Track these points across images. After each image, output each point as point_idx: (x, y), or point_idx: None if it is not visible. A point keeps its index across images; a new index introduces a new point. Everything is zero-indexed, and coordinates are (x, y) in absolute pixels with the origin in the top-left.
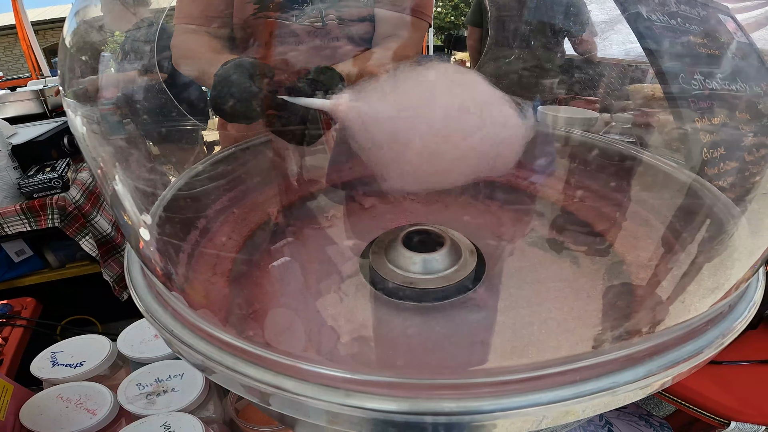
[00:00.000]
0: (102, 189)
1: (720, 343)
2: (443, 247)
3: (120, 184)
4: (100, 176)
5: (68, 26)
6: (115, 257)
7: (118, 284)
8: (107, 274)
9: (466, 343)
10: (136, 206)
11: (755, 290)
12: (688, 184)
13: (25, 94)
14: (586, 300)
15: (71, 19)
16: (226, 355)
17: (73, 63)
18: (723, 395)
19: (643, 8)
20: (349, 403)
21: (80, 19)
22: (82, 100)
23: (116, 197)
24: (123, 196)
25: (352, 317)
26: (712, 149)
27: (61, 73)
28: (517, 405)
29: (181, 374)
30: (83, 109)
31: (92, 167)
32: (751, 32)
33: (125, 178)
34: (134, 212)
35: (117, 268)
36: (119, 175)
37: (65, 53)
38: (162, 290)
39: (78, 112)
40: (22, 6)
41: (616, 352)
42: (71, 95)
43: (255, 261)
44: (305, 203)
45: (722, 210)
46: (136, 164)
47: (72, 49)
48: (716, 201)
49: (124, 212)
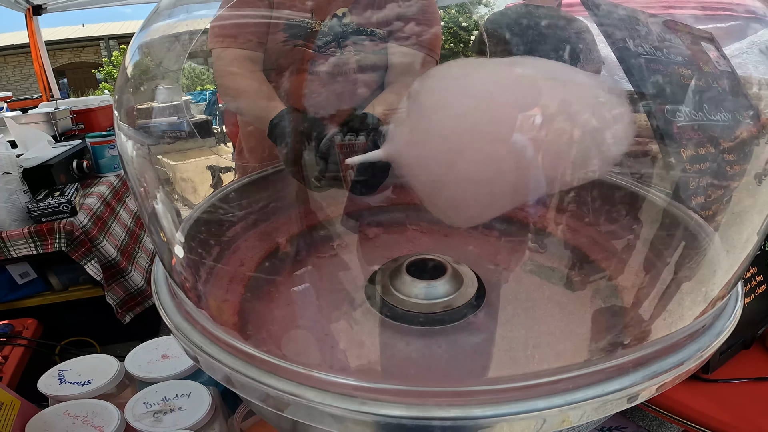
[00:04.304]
0: (141, 208)
1: (700, 356)
2: (445, 275)
3: (161, 204)
4: (142, 195)
5: (130, 57)
6: (119, 281)
7: (121, 308)
8: (111, 297)
9: (467, 362)
10: (173, 225)
11: (734, 307)
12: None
13: (37, 116)
14: (578, 322)
15: (134, 52)
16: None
17: (131, 92)
18: (720, 411)
19: (630, 41)
20: (365, 410)
21: (142, 53)
22: (135, 126)
23: (155, 216)
24: (162, 215)
25: (360, 340)
26: (698, 178)
27: (118, 99)
28: (516, 411)
29: (188, 393)
30: (135, 134)
31: (135, 187)
32: (723, 43)
33: (165, 198)
34: (171, 230)
35: (121, 292)
36: (160, 196)
37: (125, 81)
38: (190, 307)
39: (130, 137)
40: (38, 26)
41: (605, 363)
42: (125, 120)
43: (266, 287)
44: (315, 232)
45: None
46: (173, 188)
47: (132, 79)
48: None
49: (161, 230)
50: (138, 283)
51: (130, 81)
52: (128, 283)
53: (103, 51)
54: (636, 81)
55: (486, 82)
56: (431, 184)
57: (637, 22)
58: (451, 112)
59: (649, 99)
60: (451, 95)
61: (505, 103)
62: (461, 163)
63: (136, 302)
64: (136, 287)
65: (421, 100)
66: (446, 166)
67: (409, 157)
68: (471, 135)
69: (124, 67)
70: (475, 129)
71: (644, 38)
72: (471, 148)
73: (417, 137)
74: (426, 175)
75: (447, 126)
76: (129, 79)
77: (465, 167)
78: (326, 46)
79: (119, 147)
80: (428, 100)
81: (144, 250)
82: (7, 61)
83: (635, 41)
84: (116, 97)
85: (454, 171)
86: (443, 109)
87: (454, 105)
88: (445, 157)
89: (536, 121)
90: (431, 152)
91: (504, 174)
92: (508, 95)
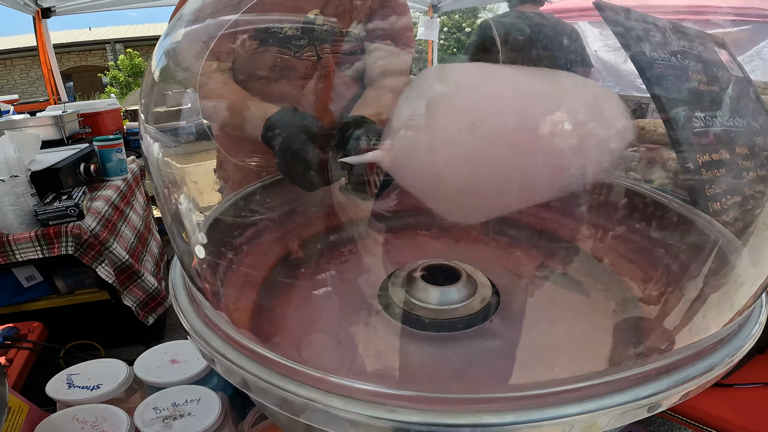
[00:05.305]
0: (163, 209)
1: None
2: (459, 281)
3: (183, 205)
4: (166, 195)
5: (156, 62)
6: (136, 283)
7: (143, 309)
8: (130, 299)
9: (484, 368)
10: (195, 226)
11: (759, 314)
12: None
13: (45, 119)
14: (597, 329)
15: (160, 57)
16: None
17: (158, 96)
18: (734, 415)
19: (646, 47)
20: (393, 418)
21: (169, 58)
22: (162, 129)
23: (178, 216)
24: (185, 216)
25: (376, 346)
26: (715, 185)
27: (145, 103)
28: (547, 417)
29: (198, 399)
30: (161, 137)
31: (159, 188)
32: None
33: (187, 200)
34: (193, 231)
35: (140, 294)
36: (184, 197)
37: (151, 86)
38: (209, 310)
39: (156, 139)
40: (47, 29)
41: (632, 370)
42: (152, 123)
43: (279, 291)
44: (326, 237)
45: (726, 244)
46: (197, 189)
47: (159, 84)
48: (720, 236)
49: (183, 230)
50: (153, 285)
51: (157, 85)
52: (145, 284)
53: (109, 54)
54: (652, 86)
55: (495, 89)
56: (431, 185)
57: (651, 28)
58: (459, 116)
59: (665, 104)
60: (458, 102)
61: (515, 111)
62: (463, 167)
63: (157, 303)
64: (153, 288)
65: (422, 103)
66: (452, 171)
67: (412, 161)
68: (485, 143)
69: (151, 71)
70: (488, 135)
71: (660, 44)
72: (484, 157)
73: (422, 141)
74: (426, 178)
75: (450, 130)
76: (155, 83)
77: (468, 172)
78: (302, 50)
79: (144, 149)
80: (432, 105)
81: (150, 253)
82: (13, 63)
83: (651, 47)
84: (142, 101)
85: (458, 174)
86: (450, 114)
87: (462, 110)
88: (452, 163)
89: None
90: (439, 159)
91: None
92: (518, 104)
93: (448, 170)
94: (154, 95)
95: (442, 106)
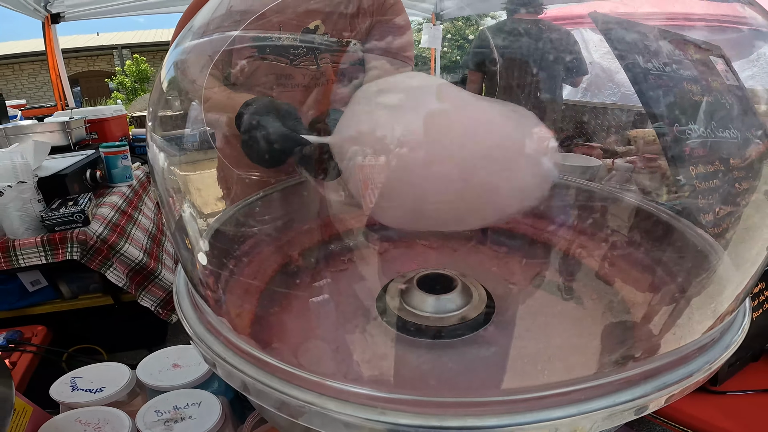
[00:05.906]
0: (167, 217)
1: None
2: (455, 289)
3: (188, 212)
4: (171, 204)
5: (165, 73)
6: (155, 282)
7: (164, 308)
8: (149, 300)
9: (478, 375)
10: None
11: (742, 322)
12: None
13: (53, 125)
14: (588, 336)
15: (169, 68)
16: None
17: (165, 107)
18: (728, 422)
19: (639, 57)
20: (384, 420)
21: (177, 70)
22: (168, 138)
23: (182, 223)
24: (188, 223)
25: (372, 353)
26: (708, 196)
27: (152, 113)
28: (530, 420)
29: (199, 403)
30: (167, 146)
31: (163, 196)
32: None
33: (191, 208)
34: (196, 238)
35: (160, 293)
36: (188, 205)
37: (159, 97)
38: (211, 315)
39: (162, 149)
40: (55, 34)
41: (617, 375)
42: (159, 133)
43: (279, 299)
44: (326, 246)
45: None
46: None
47: (167, 95)
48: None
49: (186, 237)
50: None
51: (164, 94)
52: (164, 283)
53: (116, 60)
54: (645, 97)
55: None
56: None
57: (645, 38)
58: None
59: (658, 116)
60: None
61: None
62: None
63: None
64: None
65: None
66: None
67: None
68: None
69: (159, 81)
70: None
71: (653, 54)
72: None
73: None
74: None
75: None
76: (163, 93)
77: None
78: (299, 59)
79: (150, 157)
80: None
81: (166, 252)
82: (21, 68)
83: (644, 57)
84: (150, 109)
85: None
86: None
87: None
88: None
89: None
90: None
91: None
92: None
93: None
94: (162, 105)
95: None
